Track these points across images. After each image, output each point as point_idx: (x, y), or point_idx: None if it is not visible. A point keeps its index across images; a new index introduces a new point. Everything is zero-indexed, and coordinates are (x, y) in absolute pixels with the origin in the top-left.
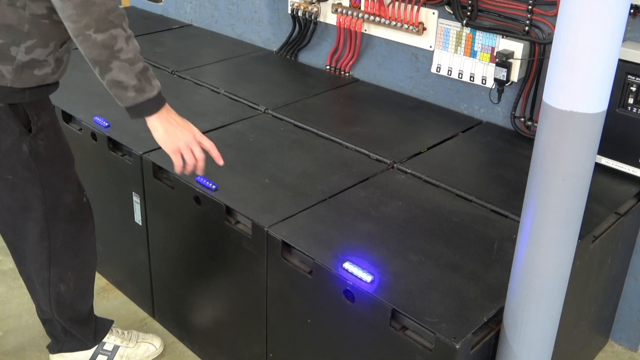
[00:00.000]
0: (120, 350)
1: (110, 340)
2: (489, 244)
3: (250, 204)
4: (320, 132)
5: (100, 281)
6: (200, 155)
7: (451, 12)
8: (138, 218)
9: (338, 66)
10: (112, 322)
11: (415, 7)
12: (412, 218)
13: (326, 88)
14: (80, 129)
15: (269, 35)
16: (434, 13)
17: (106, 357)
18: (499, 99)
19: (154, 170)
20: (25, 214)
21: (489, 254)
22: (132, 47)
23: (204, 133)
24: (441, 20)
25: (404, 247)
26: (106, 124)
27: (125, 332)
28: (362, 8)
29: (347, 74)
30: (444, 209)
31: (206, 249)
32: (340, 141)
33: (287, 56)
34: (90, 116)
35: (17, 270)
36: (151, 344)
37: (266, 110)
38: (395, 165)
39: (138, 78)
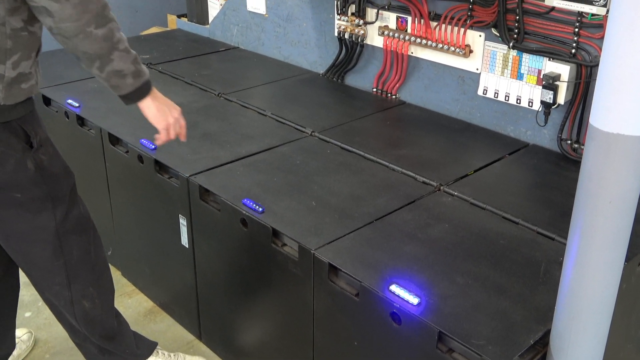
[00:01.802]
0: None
1: None
2: (535, 266)
3: (297, 227)
4: (366, 155)
5: (146, 303)
6: (177, 131)
7: (498, 34)
8: (185, 240)
9: (385, 89)
10: (156, 343)
11: (462, 30)
12: (459, 240)
13: (373, 110)
14: (127, 152)
15: (316, 58)
16: (480, 35)
17: None
18: (546, 121)
19: (201, 193)
20: (36, 235)
21: (535, 276)
22: (123, 36)
23: (250, 156)
24: (488, 42)
25: (450, 270)
26: (153, 147)
27: (172, 354)
28: (409, 30)
29: (394, 97)
30: (490, 232)
31: (253, 271)
32: (387, 164)
33: (334, 79)
34: (137, 139)
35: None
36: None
37: (313, 133)
38: (441, 187)
39: (134, 64)
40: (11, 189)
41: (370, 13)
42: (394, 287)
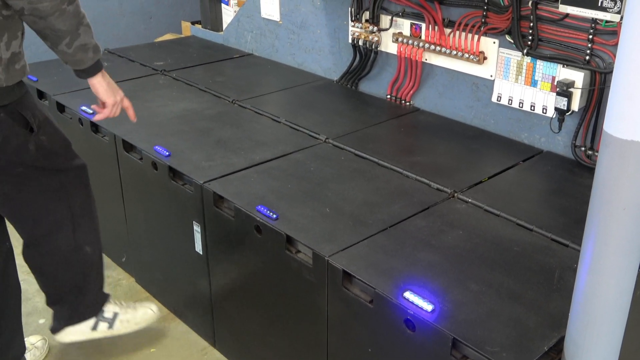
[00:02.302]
0: (120, 316)
1: (109, 309)
2: (549, 273)
3: (311, 233)
4: (380, 162)
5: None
6: (119, 111)
7: (512, 41)
8: (199, 247)
9: (399, 95)
10: (109, 295)
11: (476, 37)
12: (473, 247)
13: (387, 117)
14: (141, 159)
15: (330, 65)
16: (494, 42)
17: (107, 324)
18: (560, 128)
19: (215, 200)
20: (42, 194)
21: (549, 283)
22: (83, 10)
23: (264, 162)
24: (502, 49)
25: (464, 277)
26: (167, 153)
27: (123, 302)
28: (423, 37)
29: (408, 103)
30: (504, 238)
31: (267, 278)
32: (401, 170)
33: (348, 85)
34: (151, 145)
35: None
36: (149, 308)
37: (327, 140)
38: (455, 194)
39: (94, 38)
40: (14, 165)
41: (385, 20)
42: (408, 294)
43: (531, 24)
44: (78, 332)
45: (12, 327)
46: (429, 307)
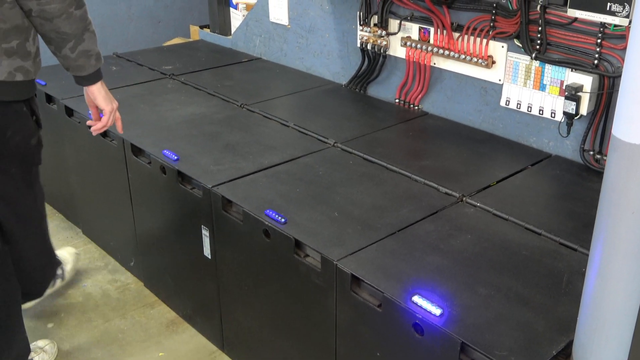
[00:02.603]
0: (66, 267)
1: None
2: (558, 277)
3: (319, 238)
4: (389, 166)
5: (169, 314)
6: (112, 121)
7: (520, 45)
8: (207, 251)
9: (407, 99)
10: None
11: (485, 41)
12: (481, 251)
13: (395, 121)
14: (150, 162)
15: (338, 69)
16: (503, 46)
17: (60, 279)
18: (568, 132)
19: (223, 204)
20: (24, 193)
21: (558, 287)
22: (90, 18)
23: (273, 166)
24: (510, 53)
25: (473, 281)
26: (175, 157)
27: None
28: (431, 41)
29: (417, 108)
30: (513, 242)
31: (275, 282)
32: (409, 174)
33: (356, 89)
34: (159, 150)
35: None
36: (66, 251)
37: (335, 144)
38: (464, 198)
39: (97, 46)
40: (10, 161)
41: (393, 24)
42: (416, 298)
43: (540, 28)
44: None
45: (13, 324)
46: (437, 311)
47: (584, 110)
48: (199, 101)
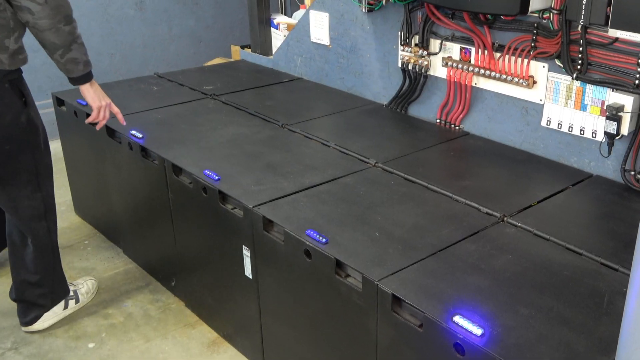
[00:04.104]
0: (79, 291)
1: (71, 287)
2: (599, 297)
3: (360, 258)
4: (430, 186)
5: (210, 334)
6: (108, 116)
7: (561, 65)
8: (248, 271)
9: (448, 119)
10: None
11: (526, 61)
12: (522, 271)
13: (436, 141)
14: (191, 183)
15: (379, 89)
16: (544, 66)
17: (74, 300)
18: (609, 152)
19: (264, 224)
20: (20, 176)
21: (599, 307)
22: (80, 34)
23: (313, 186)
24: (551, 73)
25: (514, 301)
26: (216, 177)
27: (74, 281)
28: (472, 61)
29: (457, 128)
30: (554, 263)
31: (316, 302)
32: (451, 194)
33: (397, 109)
34: (201, 170)
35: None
36: (90, 280)
37: (376, 164)
38: (505, 218)
39: (86, 55)
40: (3, 141)
41: (434, 44)
42: (457, 318)
43: (580, 48)
44: (50, 318)
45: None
46: (478, 331)
47: (625, 130)
48: (240, 121)
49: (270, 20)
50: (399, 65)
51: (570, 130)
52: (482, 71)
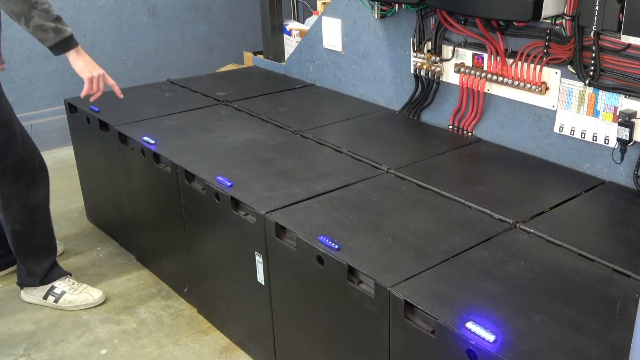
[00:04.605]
0: (65, 295)
1: (60, 286)
2: (611, 303)
3: (373, 264)
4: (443, 192)
5: (222, 341)
6: (102, 87)
7: (574, 71)
8: (261, 278)
9: (461, 126)
10: (68, 273)
11: (538, 67)
12: (535, 278)
13: (449, 148)
14: (203, 189)
15: (392, 95)
16: (556, 73)
17: (54, 298)
18: (622, 158)
19: (277, 230)
20: None
21: (611, 313)
22: (46, 1)
23: (326, 193)
24: (564, 79)
25: (526, 307)
26: (229, 184)
27: (77, 283)
28: (485, 68)
29: (470, 134)
30: (566, 269)
31: (328, 308)
32: (463, 201)
33: (410, 116)
34: (213, 176)
35: None
36: (90, 294)
37: (389, 170)
38: (517, 225)
39: (54, 22)
40: None
41: (447, 50)
42: (470, 324)
43: (593, 55)
44: (31, 296)
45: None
46: (491, 337)
47: (637, 136)
48: (252, 127)
49: (282, 26)
50: (412, 71)
51: (583, 136)
52: (494, 77)
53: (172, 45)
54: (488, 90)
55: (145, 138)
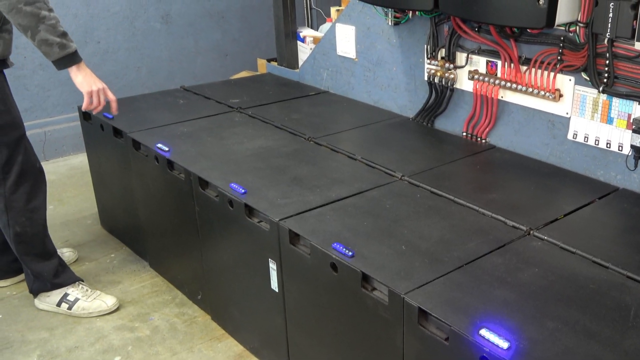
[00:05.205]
0: (79, 302)
1: (74, 293)
2: (625, 310)
3: (386, 271)
4: (456, 199)
5: (236, 348)
6: (103, 102)
7: (588, 78)
8: (274, 285)
9: (474, 133)
10: (79, 279)
11: (552, 74)
12: (549, 285)
13: (462, 155)
14: (217, 196)
15: (406, 102)
16: (570, 80)
17: (68, 305)
18: (636, 165)
19: (291, 237)
20: None
21: (625, 320)
22: (54, 16)
23: (340, 200)
24: (578, 86)
25: (540, 314)
26: (243, 191)
27: (90, 290)
28: (499, 75)
29: (484, 141)
30: (580, 276)
31: (342, 315)
32: (477, 208)
33: (424, 123)
34: (227, 183)
35: None
36: (104, 301)
37: (402, 177)
38: (531, 232)
39: (60, 38)
40: None
41: (460, 57)
42: (483, 331)
43: (607, 62)
44: (45, 303)
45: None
46: (504, 344)
47: None
48: (266, 134)
49: (296, 33)
50: (425, 78)
51: (597, 143)
52: (508, 84)
53: (185, 52)
54: (502, 97)
55: (159, 145)
